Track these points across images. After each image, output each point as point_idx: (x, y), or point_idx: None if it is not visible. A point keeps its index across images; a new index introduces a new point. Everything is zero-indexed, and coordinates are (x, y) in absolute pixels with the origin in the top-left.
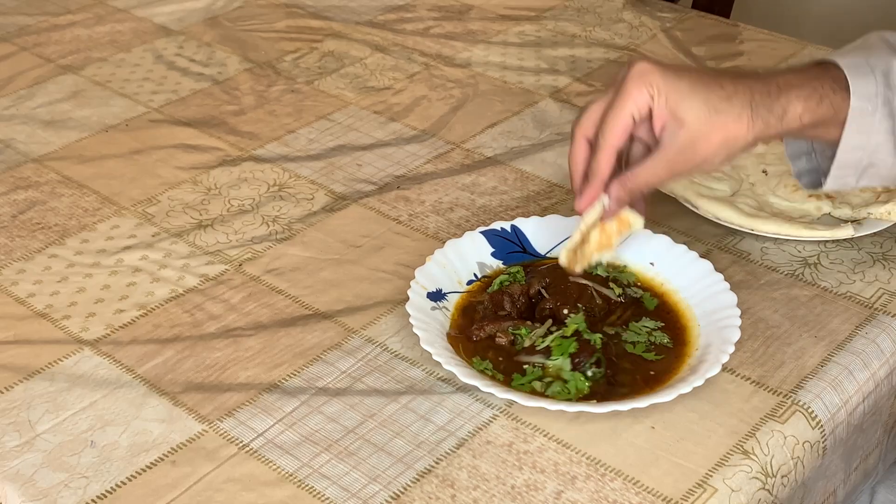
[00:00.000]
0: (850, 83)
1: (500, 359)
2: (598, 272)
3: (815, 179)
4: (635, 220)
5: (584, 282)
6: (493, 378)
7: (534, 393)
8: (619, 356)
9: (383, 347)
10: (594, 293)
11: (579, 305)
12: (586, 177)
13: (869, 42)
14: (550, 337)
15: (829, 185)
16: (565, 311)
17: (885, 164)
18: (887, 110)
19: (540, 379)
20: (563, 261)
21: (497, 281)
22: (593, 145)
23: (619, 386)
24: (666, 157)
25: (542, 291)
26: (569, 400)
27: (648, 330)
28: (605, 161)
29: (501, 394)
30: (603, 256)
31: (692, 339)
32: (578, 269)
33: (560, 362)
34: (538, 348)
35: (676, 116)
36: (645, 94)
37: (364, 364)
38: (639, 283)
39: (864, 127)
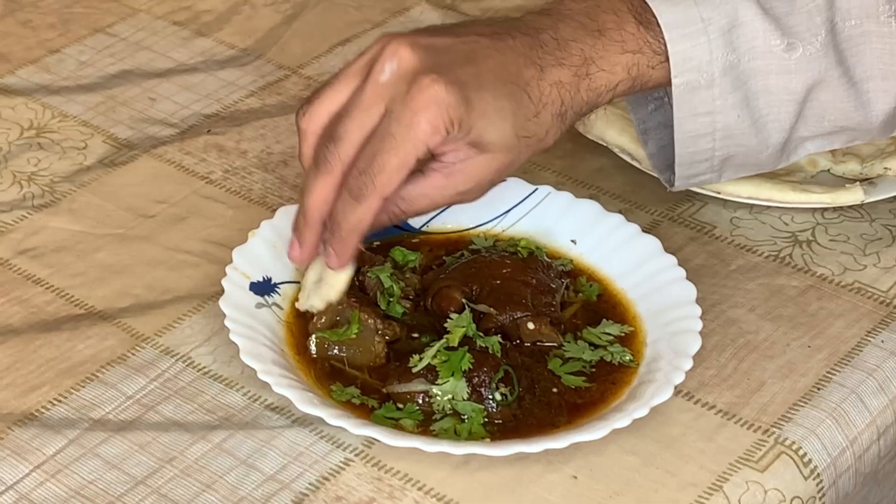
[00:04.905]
0: (668, 52)
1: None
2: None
3: (669, 172)
4: None
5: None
6: (359, 407)
7: (403, 429)
8: (537, 368)
9: (187, 362)
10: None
11: (544, 312)
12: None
13: None
14: (430, 352)
15: (680, 184)
16: (531, 326)
17: (747, 149)
18: (732, 80)
19: (427, 414)
20: (305, 305)
21: (373, 271)
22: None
23: (541, 410)
24: (454, 186)
25: (471, 304)
26: (455, 438)
27: (609, 339)
28: (373, 214)
29: (357, 429)
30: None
31: (640, 348)
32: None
33: (452, 386)
34: (415, 370)
35: (477, 144)
36: (441, 131)
37: (160, 386)
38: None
39: (698, 106)
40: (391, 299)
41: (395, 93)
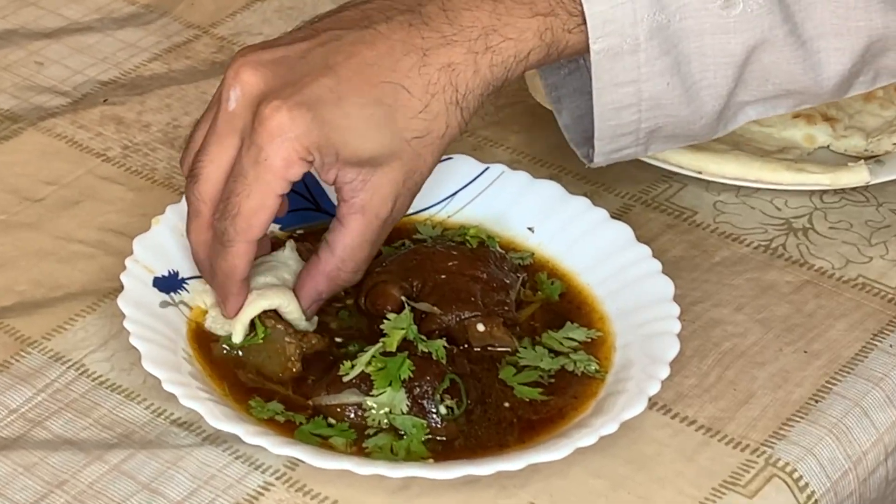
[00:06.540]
0: (585, 13)
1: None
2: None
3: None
4: None
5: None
6: (283, 425)
7: (332, 448)
8: (487, 378)
9: (80, 370)
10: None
11: (496, 311)
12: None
13: None
14: (364, 357)
15: (600, 160)
16: (481, 328)
17: (678, 120)
18: (660, 42)
19: (360, 430)
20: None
21: None
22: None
23: (491, 427)
24: (375, 214)
25: (410, 303)
26: (392, 458)
27: (573, 346)
28: (244, 259)
29: (278, 448)
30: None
31: (608, 354)
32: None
33: (389, 398)
34: (346, 378)
35: (358, 163)
36: (297, 163)
37: (48, 398)
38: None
39: (621, 74)
40: None
41: (244, 123)
